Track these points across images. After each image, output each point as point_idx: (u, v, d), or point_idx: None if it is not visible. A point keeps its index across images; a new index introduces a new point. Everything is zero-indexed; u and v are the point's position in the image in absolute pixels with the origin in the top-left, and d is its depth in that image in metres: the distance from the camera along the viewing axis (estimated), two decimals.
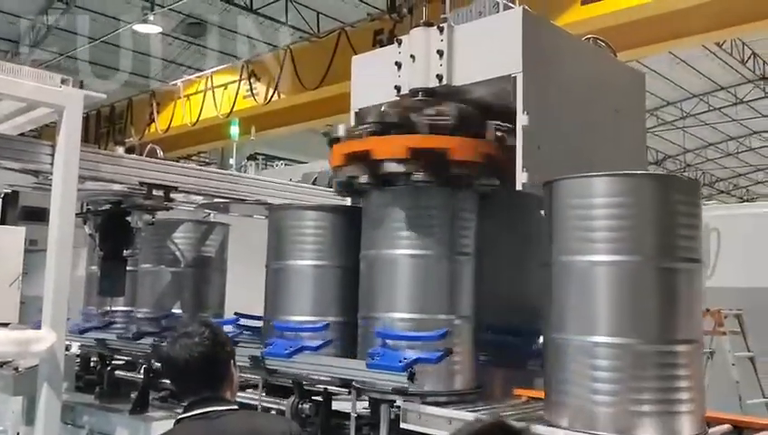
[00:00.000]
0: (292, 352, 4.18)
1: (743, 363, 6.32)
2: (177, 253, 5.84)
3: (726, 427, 3.40)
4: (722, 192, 32.37)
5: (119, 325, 6.05)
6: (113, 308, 6.13)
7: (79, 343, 5.92)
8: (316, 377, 4.19)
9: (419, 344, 3.82)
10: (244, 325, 5.07)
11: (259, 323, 4.81)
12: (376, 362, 3.73)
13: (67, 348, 5.68)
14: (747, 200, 31.47)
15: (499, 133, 4.07)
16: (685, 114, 23.50)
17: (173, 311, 5.68)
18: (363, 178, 4.04)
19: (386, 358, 3.72)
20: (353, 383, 3.93)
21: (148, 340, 5.14)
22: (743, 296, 6.49)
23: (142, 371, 5.26)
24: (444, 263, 4.01)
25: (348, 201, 4.82)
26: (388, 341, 3.88)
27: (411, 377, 3.55)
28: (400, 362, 3.63)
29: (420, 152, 3.90)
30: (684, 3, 7.61)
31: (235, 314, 5.03)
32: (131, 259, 5.72)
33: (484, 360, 4.28)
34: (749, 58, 19.05)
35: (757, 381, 6.23)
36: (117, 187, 4.80)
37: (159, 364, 4.43)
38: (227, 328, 4.67)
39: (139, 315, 5.80)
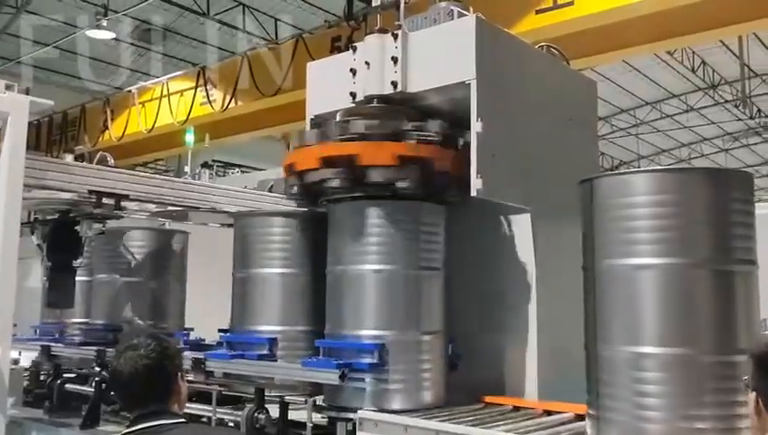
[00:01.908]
0: (234, 356, 4.30)
1: None
2: (133, 262, 5.73)
3: None
4: None
5: (72, 337, 5.93)
6: (71, 320, 6.02)
7: (25, 355, 5.76)
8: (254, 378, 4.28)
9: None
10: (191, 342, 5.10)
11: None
12: (311, 362, 3.93)
13: (16, 362, 5.53)
14: None
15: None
16: (638, 121, 23.98)
17: (125, 321, 5.60)
18: (335, 183, 4.02)
19: (322, 362, 3.88)
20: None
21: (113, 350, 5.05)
22: None
23: (93, 384, 5.13)
24: (411, 278, 4.00)
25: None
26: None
27: (342, 376, 3.67)
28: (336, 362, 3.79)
29: (408, 160, 3.93)
30: (633, 13, 7.76)
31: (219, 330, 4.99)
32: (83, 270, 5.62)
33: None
34: (699, 67, 19.54)
35: None
36: (66, 195, 4.68)
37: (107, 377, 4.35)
38: None
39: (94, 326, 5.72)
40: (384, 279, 3.95)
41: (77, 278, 5.45)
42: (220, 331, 4.91)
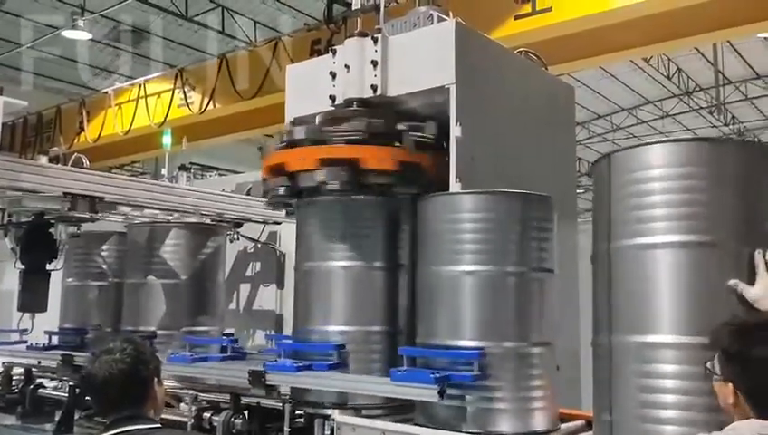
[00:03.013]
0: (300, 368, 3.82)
1: None
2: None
3: None
4: None
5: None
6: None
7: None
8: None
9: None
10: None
11: None
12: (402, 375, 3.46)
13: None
14: None
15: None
16: (614, 127, 24.24)
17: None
18: (281, 191, 4.01)
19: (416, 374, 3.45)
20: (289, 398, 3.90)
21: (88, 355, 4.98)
22: None
23: (67, 388, 5.06)
24: (378, 274, 3.99)
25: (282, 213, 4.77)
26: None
27: (442, 393, 3.27)
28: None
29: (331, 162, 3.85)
30: (611, 19, 7.85)
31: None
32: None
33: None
34: (674, 73, 19.79)
35: None
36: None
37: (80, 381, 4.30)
38: None
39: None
40: (484, 282, 3.43)
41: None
42: (47, 332, 4.81)
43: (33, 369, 5.57)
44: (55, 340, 5.50)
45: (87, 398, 4.63)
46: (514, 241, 3.45)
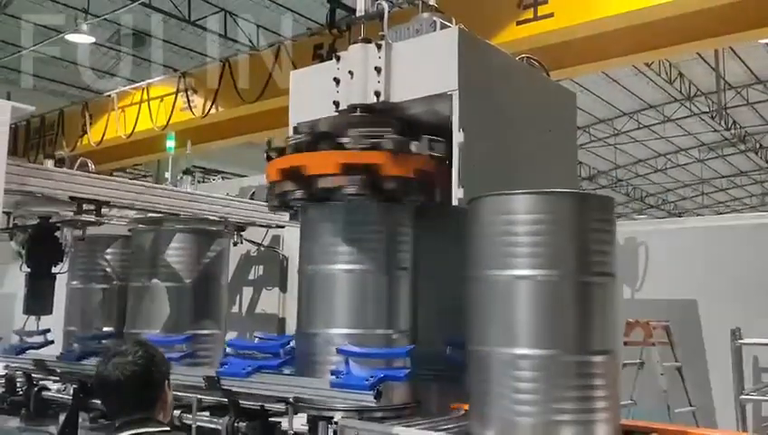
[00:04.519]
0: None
1: (670, 373, 6.52)
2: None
3: None
4: (651, 207, 33.47)
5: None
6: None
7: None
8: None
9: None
10: None
11: None
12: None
13: None
14: (676, 214, 32.66)
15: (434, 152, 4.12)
16: (616, 131, 24.26)
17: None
18: (297, 194, 4.04)
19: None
20: (289, 400, 3.91)
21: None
22: (669, 308, 6.71)
23: (71, 391, 5.08)
24: (381, 277, 4.03)
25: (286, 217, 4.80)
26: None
27: (378, 396, 3.49)
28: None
29: (351, 168, 3.89)
30: (613, 25, 7.88)
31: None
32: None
33: (422, 374, 4.29)
34: (676, 78, 19.81)
35: (684, 391, 6.43)
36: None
37: (91, 384, 4.31)
38: None
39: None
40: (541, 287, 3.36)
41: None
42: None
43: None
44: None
45: (95, 400, 4.66)
46: (574, 244, 3.34)
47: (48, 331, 5.81)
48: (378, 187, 3.91)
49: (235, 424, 4.11)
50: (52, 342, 5.82)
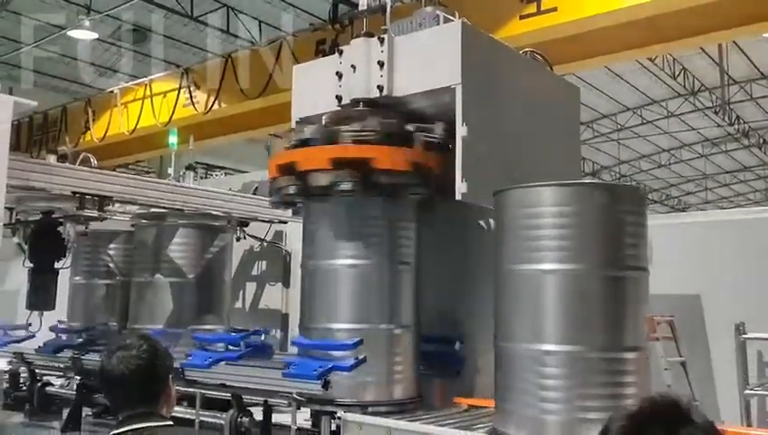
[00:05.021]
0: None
1: (675, 368, 6.50)
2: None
3: None
4: (655, 202, 33.41)
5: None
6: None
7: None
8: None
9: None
10: None
11: None
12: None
13: None
14: (679, 210, 32.59)
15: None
16: (619, 127, 24.18)
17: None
18: (292, 190, 4.04)
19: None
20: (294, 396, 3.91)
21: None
22: (673, 303, 6.68)
23: (75, 386, 5.09)
24: (383, 272, 4.02)
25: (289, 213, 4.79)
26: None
27: (326, 385, 3.63)
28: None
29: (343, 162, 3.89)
30: (616, 19, 7.84)
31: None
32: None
33: (423, 369, 4.29)
34: (680, 73, 19.73)
35: (688, 386, 6.41)
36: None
37: (94, 378, 4.32)
38: None
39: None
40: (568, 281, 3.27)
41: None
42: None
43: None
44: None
45: (99, 394, 4.65)
46: (603, 237, 3.24)
47: (30, 325, 5.82)
48: (372, 181, 3.89)
49: (239, 419, 4.11)
50: (33, 335, 5.82)
